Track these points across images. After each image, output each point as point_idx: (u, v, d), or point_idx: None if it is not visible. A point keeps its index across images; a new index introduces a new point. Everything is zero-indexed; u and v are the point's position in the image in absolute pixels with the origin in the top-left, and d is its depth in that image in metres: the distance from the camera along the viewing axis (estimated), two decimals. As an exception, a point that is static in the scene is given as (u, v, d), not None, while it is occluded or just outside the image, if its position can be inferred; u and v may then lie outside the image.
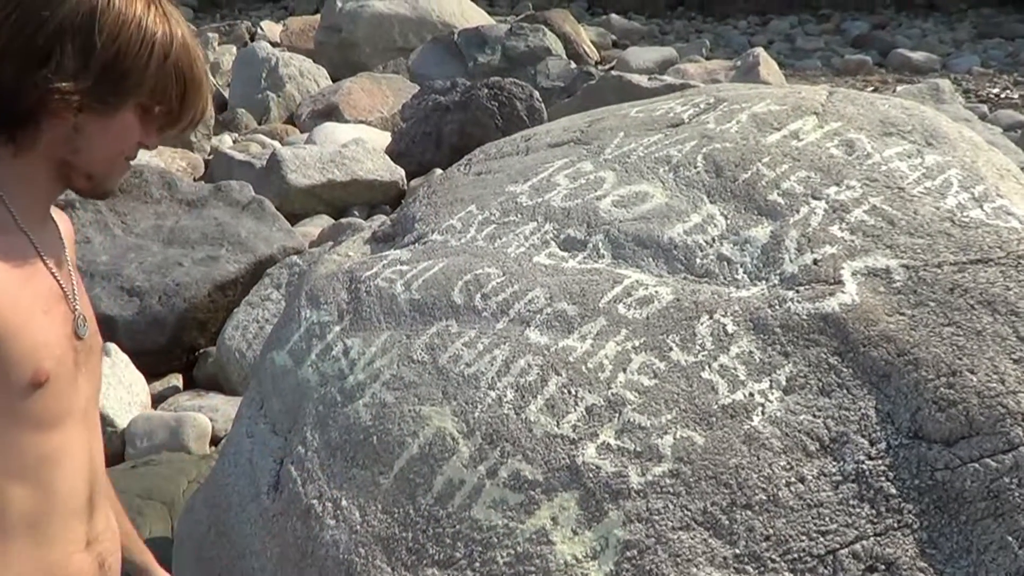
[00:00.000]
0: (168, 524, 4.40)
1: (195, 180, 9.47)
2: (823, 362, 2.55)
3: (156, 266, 6.94)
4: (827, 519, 2.33)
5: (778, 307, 2.68)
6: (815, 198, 2.98)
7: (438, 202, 3.73)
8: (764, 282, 2.79)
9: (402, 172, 9.80)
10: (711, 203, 3.12)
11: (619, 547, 2.36)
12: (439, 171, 9.06)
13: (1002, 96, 14.85)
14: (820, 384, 2.52)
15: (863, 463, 2.38)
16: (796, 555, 2.29)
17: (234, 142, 11.93)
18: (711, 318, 2.72)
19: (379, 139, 11.11)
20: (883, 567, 2.27)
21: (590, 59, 16.56)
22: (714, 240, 2.98)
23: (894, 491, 2.34)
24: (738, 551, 2.31)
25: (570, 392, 2.64)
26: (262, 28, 20.63)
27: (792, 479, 2.38)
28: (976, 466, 2.34)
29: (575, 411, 2.59)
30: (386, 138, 11.19)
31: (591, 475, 2.46)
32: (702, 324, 2.71)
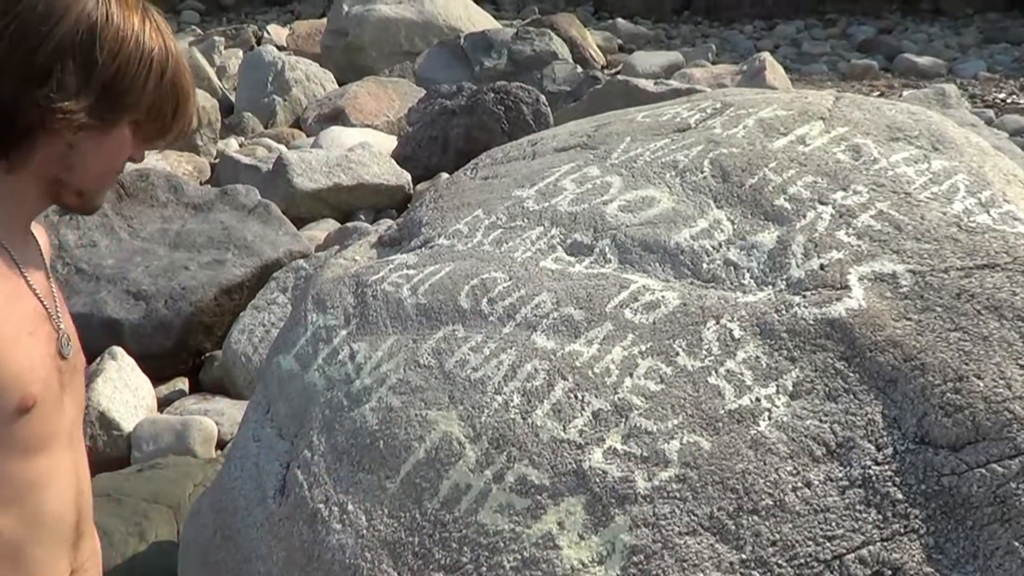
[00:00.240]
0: (174, 528, 4.41)
1: (201, 184, 9.47)
2: (829, 367, 2.55)
3: (162, 270, 6.95)
4: (834, 524, 2.32)
5: (785, 312, 2.68)
6: (822, 203, 2.98)
7: (445, 206, 3.73)
8: (771, 287, 2.79)
9: (408, 176, 9.80)
10: (718, 208, 3.12)
11: (626, 552, 2.36)
12: (445, 175, 9.04)
13: (1008, 101, 14.84)
14: (827, 389, 2.51)
15: (870, 468, 2.38)
16: (802, 560, 2.29)
17: (240, 146, 11.95)
18: (718, 323, 2.72)
19: (385, 143, 11.11)
20: (890, 572, 2.27)
21: (596, 63, 16.55)
22: (721, 245, 2.98)
23: (901, 496, 2.34)
24: (744, 556, 2.31)
25: (577, 397, 2.64)
26: (268, 32, 20.64)
27: (799, 484, 2.38)
28: (983, 471, 2.33)
29: (582, 416, 2.59)
30: (392, 142, 11.20)
31: (598, 480, 2.46)
32: (708, 329, 2.71)
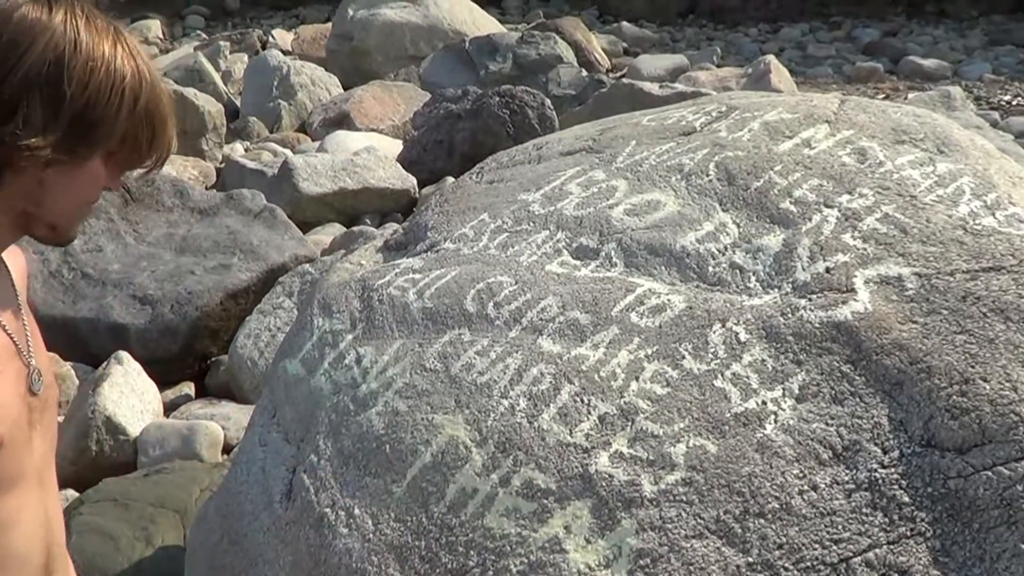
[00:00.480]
0: (180, 532, 4.41)
1: (207, 188, 9.49)
2: (836, 370, 2.55)
3: (168, 274, 6.96)
4: (840, 527, 2.32)
5: (791, 315, 2.68)
6: (827, 206, 2.98)
7: (450, 210, 3.74)
8: (776, 290, 2.79)
9: (414, 180, 9.80)
10: (723, 211, 3.12)
11: (632, 555, 2.36)
12: (451, 179, 9.05)
13: (1013, 103, 14.82)
14: (833, 392, 2.51)
15: (876, 471, 2.38)
16: (809, 563, 2.29)
17: (246, 150, 11.95)
18: (724, 326, 2.72)
19: (391, 147, 11.11)
20: (896, 575, 2.27)
21: (601, 67, 16.55)
22: (726, 248, 2.98)
23: (907, 499, 2.34)
24: (751, 559, 2.31)
25: (583, 401, 2.64)
26: (274, 36, 20.64)
27: (805, 487, 2.38)
28: (989, 474, 2.33)
29: (588, 420, 2.59)
30: (398, 146, 11.20)
31: (604, 483, 2.46)
32: (715, 332, 2.71)
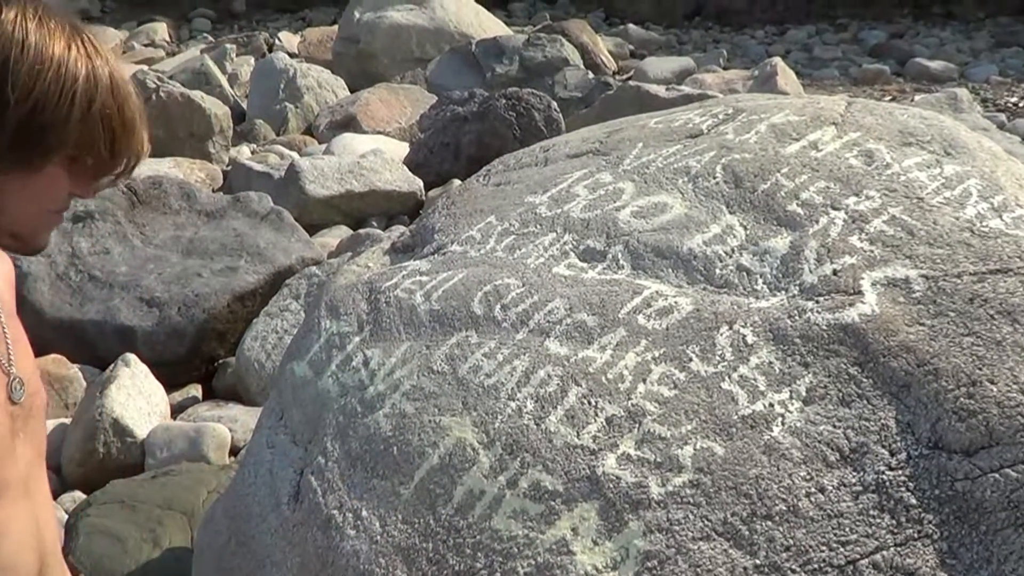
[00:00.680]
0: (188, 534, 4.42)
1: (213, 191, 9.48)
2: (843, 372, 2.55)
3: (175, 277, 6.96)
4: (847, 529, 2.32)
5: (798, 317, 2.68)
6: (834, 208, 2.98)
7: (457, 213, 3.74)
8: (784, 292, 2.79)
9: (420, 183, 9.79)
10: (730, 214, 3.12)
11: (639, 557, 2.36)
12: (457, 182, 9.06)
13: (1020, 105, 14.79)
14: (840, 394, 2.52)
15: (883, 473, 2.38)
16: (816, 565, 2.29)
17: (252, 153, 11.95)
18: (731, 329, 2.72)
19: (397, 150, 11.11)
20: (904, 577, 2.28)
21: (608, 69, 16.54)
22: (733, 251, 2.98)
23: (914, 501, 2.34)
24: (758, 561, 2.31)
25: (590, 403, 2.64)
26: (280, 39, 20.65)
27: (812, 489, 2.38)
28: (996, 476, 2.33)
29: (595, 422, 2.59)
30: (404, 149, 11.19)
31: (611, 485, 2.46)
32: (722, 335, 2.71)
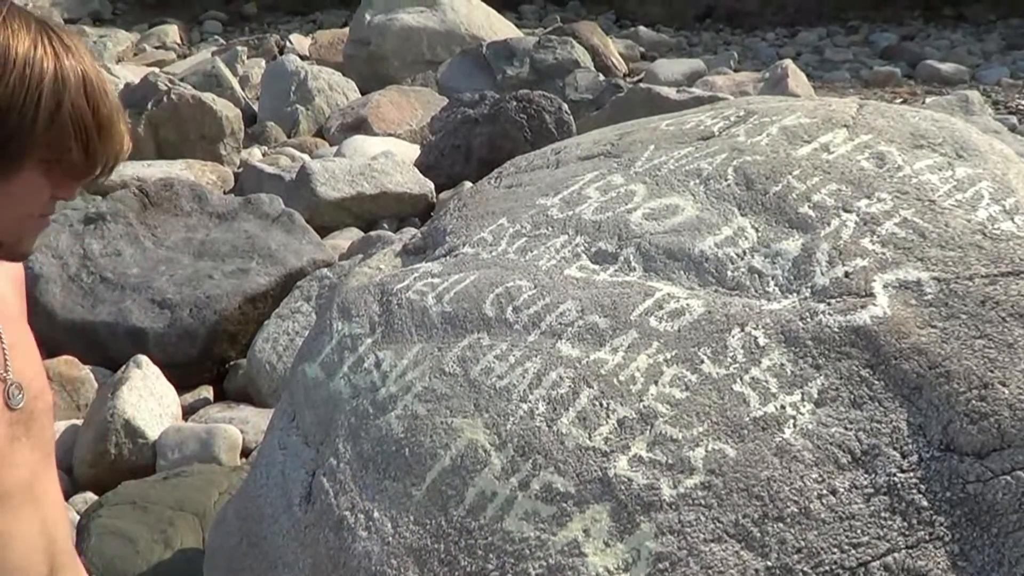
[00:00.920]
0: (199, 536, 4.42)
1: (225, 193, 9.50)
2: (855, 375, 2.55)
3: (187, 279, 6.98)
4: (859, 532, 2.32)
5: (809, 320, 2.68)
6: (846, 211, 2.98)
7: (469, 215, 3.74)
8: (795, 295, 2.80)
9: (431, 185, 9.81)
10: (742, 216, 3.12)
11: (651, 559, 2.36)
12: (468, 184, 9.07)
13: (1031, 107, 14.77)
14: (852, 397, 2.52)
15: (895, 476, 2.38)
16: (828, 567, 2.29)
17: (263, 155, 11.98)
18: (742, 331, 2.72)
19: (408, 152, 11.13)
20: (915, 580, 2.28)
21: (618, 71, 16.55)
22: (745, 253, 2.98)
23: (926, 504, 2.34)
24: (770, 563, 2.31)
25: (602, 404, 2.65)
26: (291, 41, 20.70)
27: (824, 491, 2.38)
28: (1008, 478, 2.33)
29: (607, 423, 2.59)
30: (415, 151, 11.21)
31: (623, 487, 2.46)
32: (733, 337, 2.71)
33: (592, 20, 21.12)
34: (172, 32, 23.56)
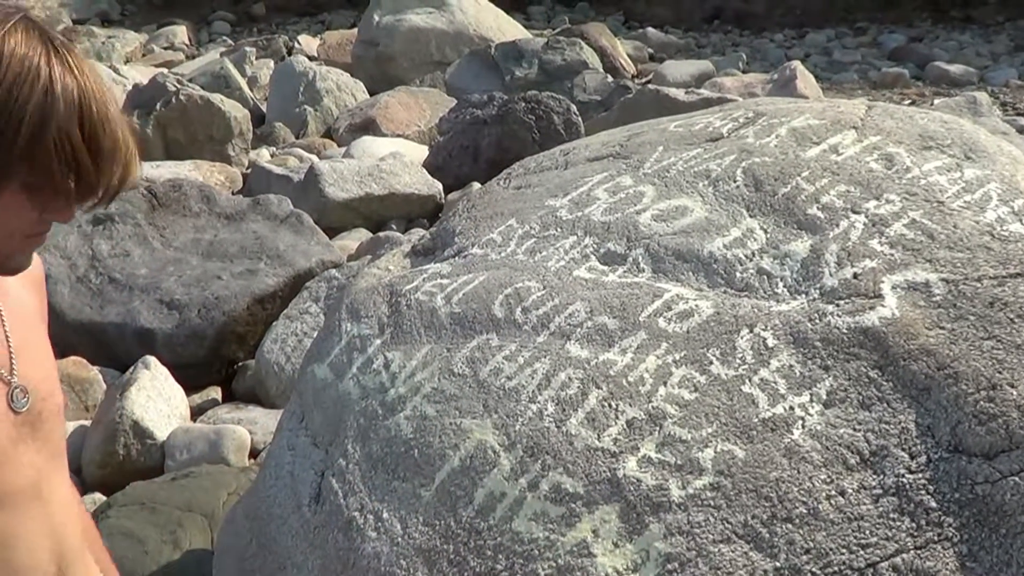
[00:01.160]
0: (208, 536, 4.43)
1: (233, 194, 9.51)
2: (863, 376, 2.55)
3: (195, 279, 6.99)
4: (867, 532, 2.33)
5: (818, 321, 2.68)
6: (855, 212, 2.98)
7: (478, 216, 3.75)
8: (804, 296, 2.80)
9: (440, 186, 9.82)
10: (751, 217, 3.12)
11: (660, 560, 2.36)
12: (477, 185, 9.07)
13: (1040, 109, 14.76)
14: (860, 398, 2.52)
15: (903, 476, 2.38)
16: (836, 568, 2.29)
17: (272, 156, 11.99)
18: (751, 332, 2.72)
19: (417, 153, 11.14)
20: (924, 581, 2.28)
21: (627, 73, 16.56)
22: (754, 254, 2.99)
23: (934, 504, 2.34)
24: (779, 564, 2.31)
25: (611, 405, 2.65)
26: (299, 42, 20.74)
27: (832, 492, 2.38)
28: (1016, 479, 2.33)
29: (616, 424, 2.60)
30: (423, 152, 11.22)
31: (632, 488, 2.47)
32: (742, 338, 2.71)
33: (601, 21, 21.15)
34: (180, 33, 23.61)
